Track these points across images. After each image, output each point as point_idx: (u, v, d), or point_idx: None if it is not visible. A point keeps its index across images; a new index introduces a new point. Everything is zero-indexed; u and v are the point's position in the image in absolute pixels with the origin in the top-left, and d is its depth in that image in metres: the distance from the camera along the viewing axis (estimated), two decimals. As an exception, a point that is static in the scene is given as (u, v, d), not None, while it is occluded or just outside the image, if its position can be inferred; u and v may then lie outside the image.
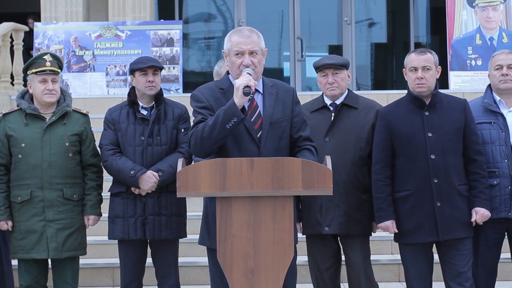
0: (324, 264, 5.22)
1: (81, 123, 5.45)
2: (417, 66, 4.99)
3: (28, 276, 5.37)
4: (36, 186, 5.29)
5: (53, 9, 12.39)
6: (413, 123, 4.97)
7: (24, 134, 5.32)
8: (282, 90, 4.39)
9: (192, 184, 3.90)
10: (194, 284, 7.03)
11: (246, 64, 4.22)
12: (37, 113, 5.36)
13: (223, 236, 3.95)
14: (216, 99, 4.28)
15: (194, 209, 7.21)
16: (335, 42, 14.68)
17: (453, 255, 4.95)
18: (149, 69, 5.41)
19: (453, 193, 4.92)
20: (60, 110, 5.38)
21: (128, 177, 5.30)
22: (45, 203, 5.29)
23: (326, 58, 5.26)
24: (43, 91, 5.32)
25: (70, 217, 5.35)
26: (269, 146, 4.24)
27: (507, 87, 5.21)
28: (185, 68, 13.75)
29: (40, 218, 5.29)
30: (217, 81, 4.57)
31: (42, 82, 5.33)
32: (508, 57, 5.25)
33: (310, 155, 4.29)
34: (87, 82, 11.36)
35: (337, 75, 5.18)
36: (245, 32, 4.27)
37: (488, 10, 11.39)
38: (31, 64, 5.39)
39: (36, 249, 5.29)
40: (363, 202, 5.12)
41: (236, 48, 4.24)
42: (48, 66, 5.33)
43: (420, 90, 4.98)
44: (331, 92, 5.20)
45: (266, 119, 4.27)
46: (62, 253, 5.32)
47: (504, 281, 6.36)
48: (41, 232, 5.29)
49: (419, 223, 4.93)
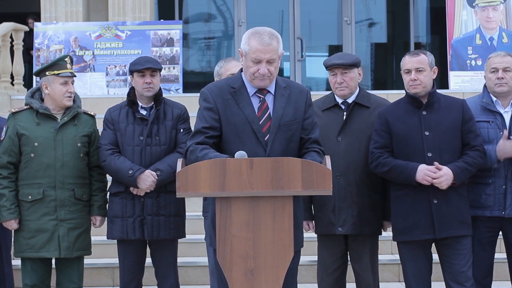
0: (332, 265, 5.22)
1: (90, 124, 5.50)
2: (410, 68, 5.01)
3: (34, 275, 5.38)
4: (49, 185, 5.31)
5: (53, 9, 12.39)
6: (410, 122, 4.98)
7: (37, 133, 5.35)
8: (295, 92, 4.32)
9: (191, 184, 3.90)
10: (194, 284, 7.03)
11: (262, 73, 4.16)
12: (49, 113, 5.38)
13: (222, 236, 3.95)
14: (225, 101, 4.22)
15: (193, 209, 7.21)
16: (335, 42, 14.68)
17: (452, 254, 4.96)
18: (147, 70, 5.41)
19: (450, 191, 4.92)
20: (72, 111, 5.42)
21: (127, 177, 5.30)
22: (57, 203, 5.32)
23: (336, 57, 5.22)
24: (65, 94, 5.37)
25: (80, 217, 5.39)
26: (276, 149, 4.19)
27: (503, 90, 5.22)
28: (185, 68, 13.75)
29: (52, 217, 5.31)
30: (229, 78, 4.50)
31: (63, 84, 5.37)
32: (503, 60, 5.25)
33: (318, 156, 4.22)
34: (87, 82, 11.36)
35: (346, 74, 5.15)
36: (265, 39, 4.17)
37: (488, 10, 11.39)
38: (51, 65, 5.42)
39: (46, 248, 5.31)
40: (376, 202, 5.12)
41: (254, 56, 4.16)
42: (69, 68, 5.41)
43: (414, 91, 5.01)
44: (340, 92, 5.18)
45: (275, 121, 4.21)
46: (73, 252, 5.35)
47: (502, 281, 6.36)
48: (53, 231, 5.31)
49: (415, 221, 4.94)
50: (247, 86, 4.25)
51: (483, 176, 5.14)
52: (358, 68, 5.20)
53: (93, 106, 9.67)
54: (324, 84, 14.56)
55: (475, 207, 5.11)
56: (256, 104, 4.20)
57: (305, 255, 5.30)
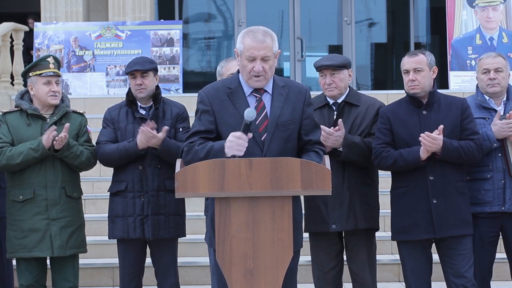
0: (328, 264, 5.20)
1: (78, 122, 5.49)
2: (408, 69, 5.02)
3: (29, 276, 5.38)
4: (39, 185, 5.32)
5: (53, 9, 12.40)
6: (410, 121, 4.99)
7: (28, 133, 5.35)
8: (293, 91, 4.28)
9: (190, 184, 3.90)
10: (194, 284, 7.03)
11: (257, 71, 4.14)
12: (38, 113, 5.39)
13: (222, 237, 3.95)
14: (221, 102, 4.21)
15: (193, 209, 7.21)
16: (335, 42, 14.69)
17: (453, 254, 4.96)
18: (136, 72, 5.41)
19: (450, 191, 4.92)
20: (61, 111, 5.42)
21: (127, 145, 5.29)
22: (48, 202, 5.32)
23: (325, 59, 5.25)
24: (48, 93, 5.37)
25: (72, 214, 5.38)
26: (273, 149, 4.16)
27: (495, 91, 5.25)
28: (185, 68, 13.75)
29: (44, 216, 5.31)
30: (225, 79, 4.50)
31: (46, 84, 5.37)
32: (495, 60, 5.27)
33: (315, 157, 4.18)
34: (87, 82, 11.37)
35: (335, 75, 5.17)
36: (259, 36, 4.15)
37: (488, 10, 11.40)
38: (34, 66, 5.43)
39: (39, 247, 5.30)
40: (366, 194, 5.13)
41: (248, 53, 4.14)
42: (52, 68, 5.39)
43: (413, 92, 5.01)
44: (329, 93, 5.21)
45: (272, 121, 4.19)
46: (66, 250, 5.34)
47: (502, 281, 6.36)
48: (45, 230, 5.30)
49: (415, 220, 4.93)
50: (244, 86, 4.24)
51: (481, 171, 5.15)
52: (348, 69, 5.23)
53: (93, 106, 9.71)
54: (324, 84, 14.54)
55: (475, 204, 5.11)
56: (253, 103, 4.19)
57: (304, 255, 5.29)
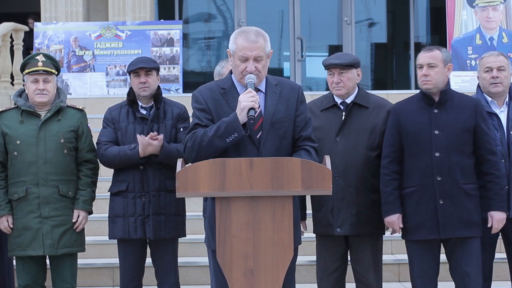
0: (332, 265, 5.18)
1: (77, 118, 5.45)
2: (422, 64, 4.97)
3: (26, 276, 5.37)
4: (32, 182, 5.29)
5: (53, 9, 12.40)
6: (420, 120, 4.94)
7: (20, 131, 5.34)
8: (286, 89, 4.30)
9: (191, 184, 3.90)
10: (194, 284, 7.02)
11: (250, 71, 4.15)
12: (32, 110, 5.37)
13: (222, 237, 3.95)
14: (216, 101, 4.22)
15: (194, 209, 7.21)
16: (335, 42, 14.68)
17: (460, 255, 4.91)
18: (141, 70, 5.41)
19: (458, 192, 4.87)
20: (54, 107, 5.39)
21: (129, 151, 5.30)
22: (41, 200, 5.29)
23: (334, 57, 5.19)
24: (35, 91, 5.34)
25: (66, 213, 5.34)
26: (269, 147, 4.17)
27: (498, 90, 5.22)
28: (185, 68, 13.75)
29: (36, 215, 5.29)
30: (218, 80, 4.51)
31: (34, 82, 5.36)
32: (497, 59, 5.24)
33: (305, 155, 4.18)
34: (87, 82, 11.36)
35: (343, 74, 5.11)
36: (251, 36, 4.16)
37: (488, 10, 11.39)
38: (25, 64, 5.43)
39: (32, 246, 5.29)
40: (374, 202, 5.09)
41: (241, 54, 4.16)
42: (40, 66, 5.36)
43: (425, 87, 4.96)
44: (337, 92, 5.15)
45: (267, 119, 4.20)
46: (58, 249, 5.31)
47: (502, 281, 6.36)
48: (37, 229, 5.28)
49: (422, 220, 4.90)
50: (237, 86, 4.25)
51: None
52: (356, 68, 5.17)
53: (93, 106, 9.70)
54: (324, 84, 14.55)
55: None
56: None
57: (305, 255, 5.30)
